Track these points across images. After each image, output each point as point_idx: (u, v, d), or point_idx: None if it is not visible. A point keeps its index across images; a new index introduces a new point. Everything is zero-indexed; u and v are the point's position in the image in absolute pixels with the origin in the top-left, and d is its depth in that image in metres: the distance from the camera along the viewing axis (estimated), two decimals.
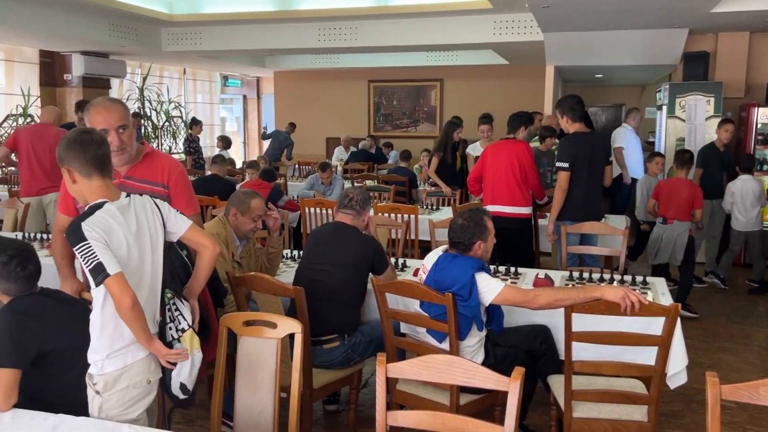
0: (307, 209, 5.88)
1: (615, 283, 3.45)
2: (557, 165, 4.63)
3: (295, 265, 3.63)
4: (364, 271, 3.20)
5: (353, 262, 3.17)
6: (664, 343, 2.51)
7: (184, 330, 2.18)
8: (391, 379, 2.82)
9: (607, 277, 3.56)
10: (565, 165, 4.52)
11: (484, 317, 2.86)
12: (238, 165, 10.61)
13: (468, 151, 7.07)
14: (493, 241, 2.96)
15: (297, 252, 4.19)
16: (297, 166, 11.07)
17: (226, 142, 10.79)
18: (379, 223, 4.64)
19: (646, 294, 3.23)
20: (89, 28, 8.30)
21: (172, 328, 2.15)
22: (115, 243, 2.02)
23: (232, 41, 9.26)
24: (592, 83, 12.79)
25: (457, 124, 6.86)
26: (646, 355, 2.65)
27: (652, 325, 2.70)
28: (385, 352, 2.15)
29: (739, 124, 6.92)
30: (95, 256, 1.95)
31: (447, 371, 1.93)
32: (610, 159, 4.67)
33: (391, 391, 2.93)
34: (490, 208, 4.85)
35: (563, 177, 4.54)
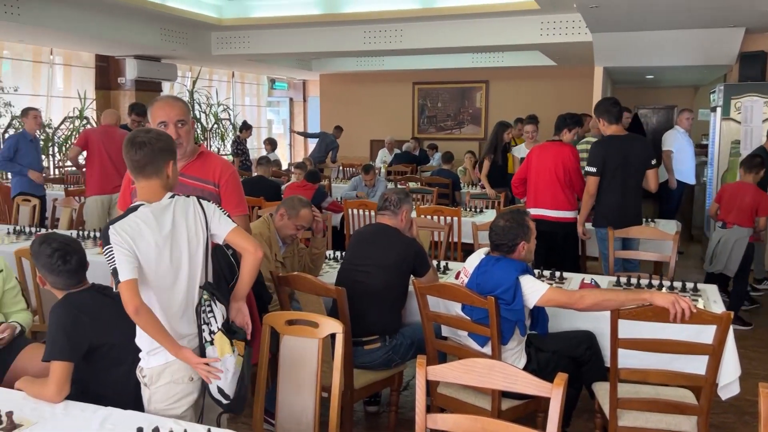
0: (350, 211, 5.92)
1: (664, 289, 3.36)
2: (586, 170, 4.54)
3: (338, 265, 3.66)
4: (405, 272, 3.20)
5: (394, 264, 3.17)
6: (715, 352, 2.42)
7: (214, 332, 2.14)
8: (431, 382, 2.82)
9: (656, 283, 3.46)
10: (593, 170, 4.44)
11: (528, 321, 2.82)
12: (284, 167, 10.77)
13: (513, 152, 6.99)
14: (535, 242, 2.93)
15: (339, 253, 4.22)
16: (341, 168, 11.15)
17: (273, 144, 10.99)
18: (422, 226, 4.63)
19: (697, 301, 3.13)
20: (142, 33, 8.58)
21: (205, 330, 2.14)
22: (143, 247, 2.07)
23: (279, 44, 9.40)
24: (643, 84, 12.48)
25: (508, 125, 6.81)
26: (695, 363, 2.57)
27: (703, 333, 2.61)
28: (426, 355, 2.14)
29: None
30: (113, 260, 2.03)
31: (488, 375, 1.91)
32: (653, 162, 4.51)
33: (432, 394, 2.92)
34: (533, 211, 4.80)
35: (591, 182, 4.46)
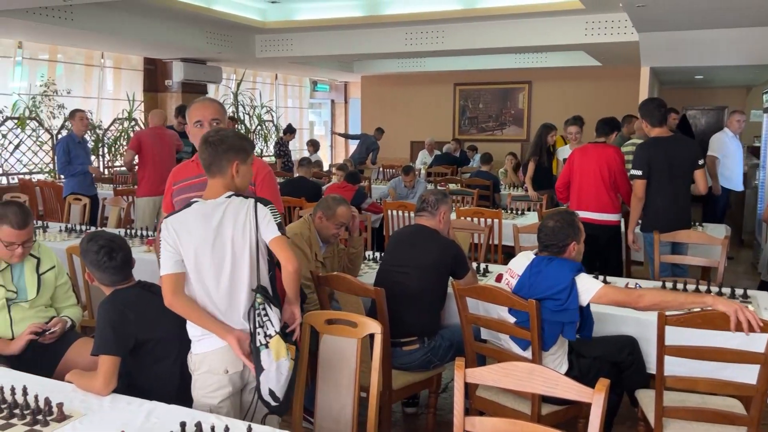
0: (389, 212, 5.93)
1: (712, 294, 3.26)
2: (631, 173, 4.43)
3: (377, 266, 3.67)
4: (444, 274, 3.18)
5: (433, 265, 3.16)
6: (767, 361, 2.34)
7: (270, 336, 2.17)
8: (470, 385, 2.80)
9: (703, 288, 3.36)
10: (639, 173, 4.32)
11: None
12: (325, 168, 10.87)
13: (557, 154, 6.89)
14: (583, 244, 2.88)
15: (378, 254, 4.23)
16: (381, 170, 11.19)
17: (315, 145, 11.13)
18: (461, 227, 4.61)
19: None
20: (189, 36, 8.78)
21: (260, 334, 2.17)
22: (186, 241, 2.20)
23: (322, 47, 9.49)
24: (692, 85, 12.15)
25: (552, 127, 6.72)
26: (745, 372, 2.48)
27: (755, 341, 2.52)
28: (465, 357, 2.12)
29: None
30: (160, 253, 2.23)
31: (528, 379, 1.89)
32: (701, 163, 4.37)
33: (471, 396, 2.90)
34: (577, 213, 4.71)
35: (638, 185, 4.34)
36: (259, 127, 12.69)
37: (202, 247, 2.19)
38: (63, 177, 6.75)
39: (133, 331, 2.28)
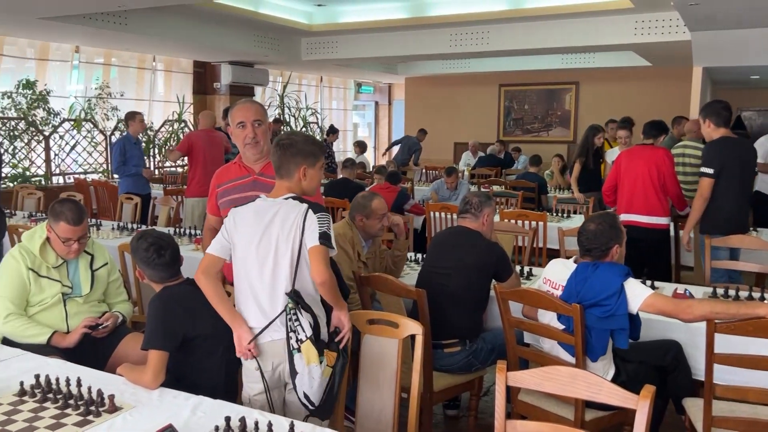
0: (431, 213, 5.92)
1: (767, 301, 3.14)
2: (702, 170, 4.27)
3: (419, 267, 3.67)
4: (486, 276, 3.16)
5: (476, 267, 3.14)
6: None
7: (302, 341, 2.19)
8: (513, 389, 2.78)
9: (757, 295, 3.25)
10: (710, 171, 4.13)
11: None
12: (370, 169, 10.92)
13: (605, 157, 6.77)
14: (625, 246, 2.83)
15: (420, 255, 4.23)
16: (424, 171, 11.17)
17: (362, 147, 11.20)
18: (505, 230, 4.57)
19: None
20: (237, 39, 8.97)
21: (293, 338, 2.19)
22: (239, 233, 2.31)
23: (367, 49, 9.55)
24: (747, 85, 11.76)
25: (599, 129, 6.63)
26: None
27: None
28: (507, 361, 2.11)
29: None
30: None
31: (570, 384, 1.86)
32: (756, 168, 4.24)
33: (513, 401, 2.87)
34: (625, 217, 4.62)
35: (706, 184, 4.16)
36: (303, 128, 12.84)
37: (250, 243, 2.27)
38: (117, 177, 6.99)
39: (181, 327, 2.34)
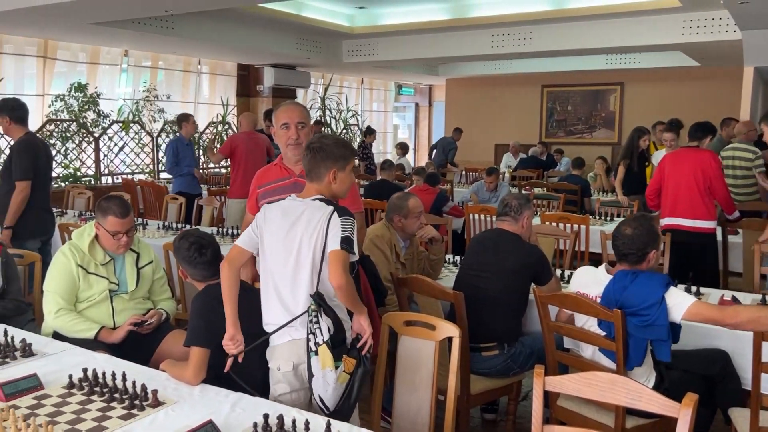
0: (471, 215, 5.89)
1: None
2: None
3: (456, 270, 3.66)
4: (525, 279, 3.13)
5: (514, 270, 3.12)
6: None
7: (318, 344, 2.18)
8: (551, 394, 2.74)
9: None
10: None
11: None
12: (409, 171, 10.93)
13: (652, 160, 6.62)
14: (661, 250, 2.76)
15: (459, 257, 4.21)
16: (464, 173, 11.11)
17: (404, 148, 11.24)
18: (546, 233, 4.51)
19: None
20: (280, 42, 9.10)
21: (311, 340, 2.20)
22: (267, 230, 2.34)
23: (408, 51, 9.56)
24: None
25: (645, 131, 6.49)
26: None
27: None
28: (545, 365, 2.08)
29: None
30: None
31: (610, 390, 1.83)
32: None
33: (551, 406, 2.84)
34: (669, 221, 4.52)
35: None
36: (345, 130, 12.93)
37: (275, 241, 2.31)
38: (171, 177, 7.20)
39: (222, 325, 2.38)
